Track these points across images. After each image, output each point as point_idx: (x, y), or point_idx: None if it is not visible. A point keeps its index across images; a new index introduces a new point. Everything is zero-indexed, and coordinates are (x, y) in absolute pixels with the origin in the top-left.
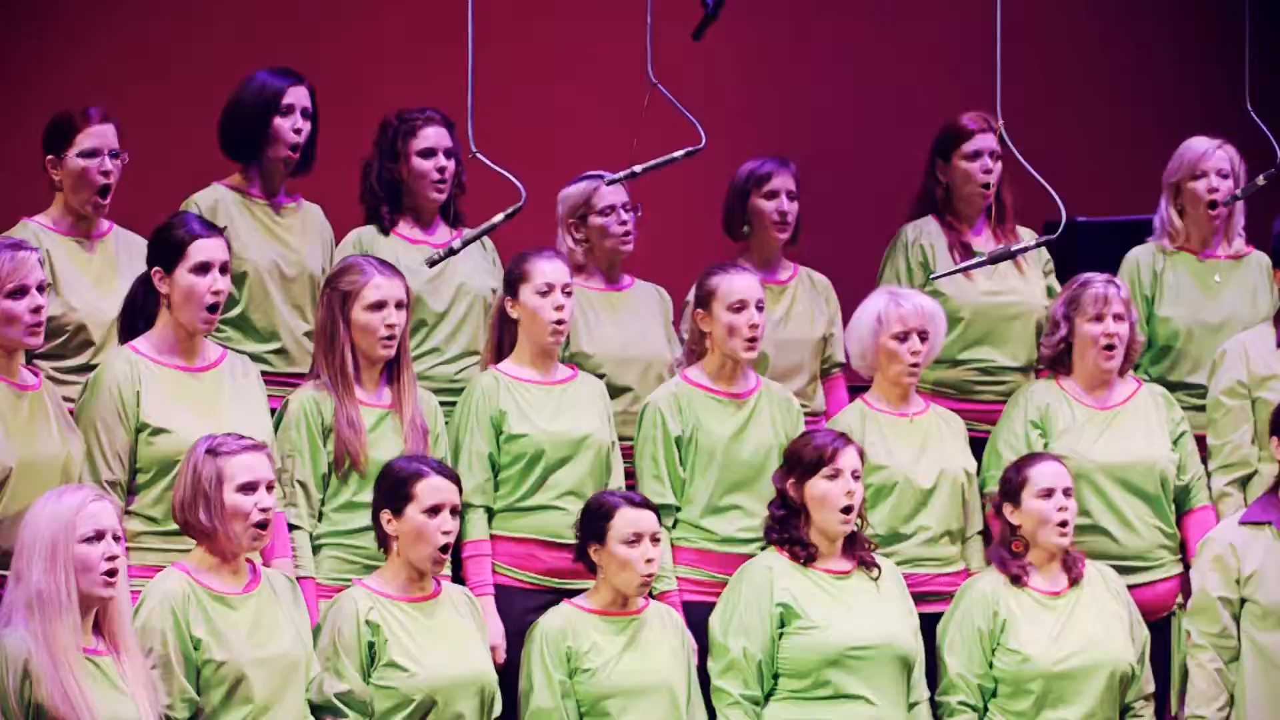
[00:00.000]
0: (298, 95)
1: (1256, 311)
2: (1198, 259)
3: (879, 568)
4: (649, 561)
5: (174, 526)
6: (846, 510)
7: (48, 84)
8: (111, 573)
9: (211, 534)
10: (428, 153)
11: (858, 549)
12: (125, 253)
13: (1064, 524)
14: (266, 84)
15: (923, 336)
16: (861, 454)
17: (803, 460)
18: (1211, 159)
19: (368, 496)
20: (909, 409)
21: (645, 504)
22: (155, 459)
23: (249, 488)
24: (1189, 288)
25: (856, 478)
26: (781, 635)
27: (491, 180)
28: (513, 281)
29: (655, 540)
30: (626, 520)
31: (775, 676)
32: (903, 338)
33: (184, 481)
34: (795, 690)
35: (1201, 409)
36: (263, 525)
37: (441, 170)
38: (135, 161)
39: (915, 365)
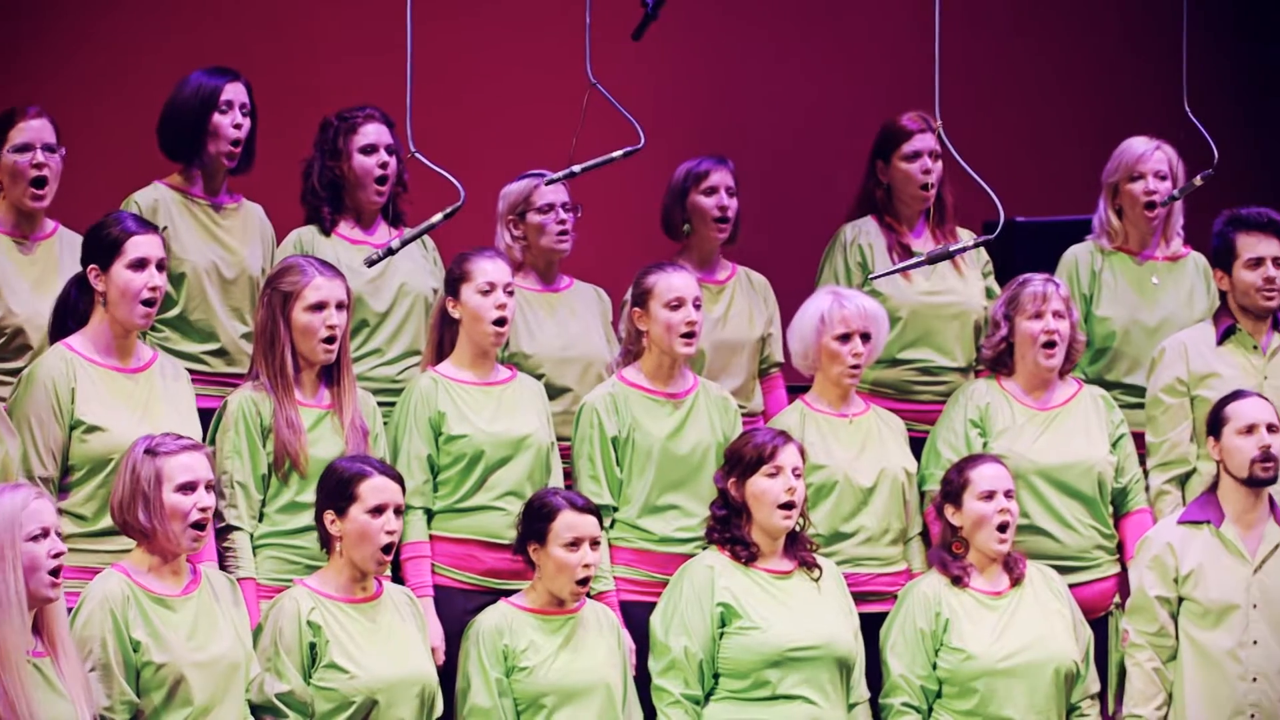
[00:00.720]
0: (235, 91)
1: (1193, 313)
2: (1135, 260)
3: (820, 568)
4: (586, 566)
5: (103, 526)
6: (787, 506)
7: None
8: (56, 571)
9: (150, 534)
10: (369, 149)
11: (799, 549)
12: (69, 255)
13: (1004, 526)
14: (203, 83)
15: (865, 338)
16: (802, 452)
17: (743, 459)
18: (1149, 160)
19: (308, 497)
20: (849, 409)
21: (588, 508)
22: (88, 457)
23: (188, 488)
24: (1126, 288)
25: (798, 475)
26: (722, 635)
27: (431, 180)
28: (454, 281)
29: (595, 545)
30: (567, 524)
31: (716, 676)
32: (845, 339)
33: (123, 481)
34: (735, 690)
35: (1139, 409)
36: (201, 525)
37: (384, 166)
38: (82, 163)
39: (856, 367)
